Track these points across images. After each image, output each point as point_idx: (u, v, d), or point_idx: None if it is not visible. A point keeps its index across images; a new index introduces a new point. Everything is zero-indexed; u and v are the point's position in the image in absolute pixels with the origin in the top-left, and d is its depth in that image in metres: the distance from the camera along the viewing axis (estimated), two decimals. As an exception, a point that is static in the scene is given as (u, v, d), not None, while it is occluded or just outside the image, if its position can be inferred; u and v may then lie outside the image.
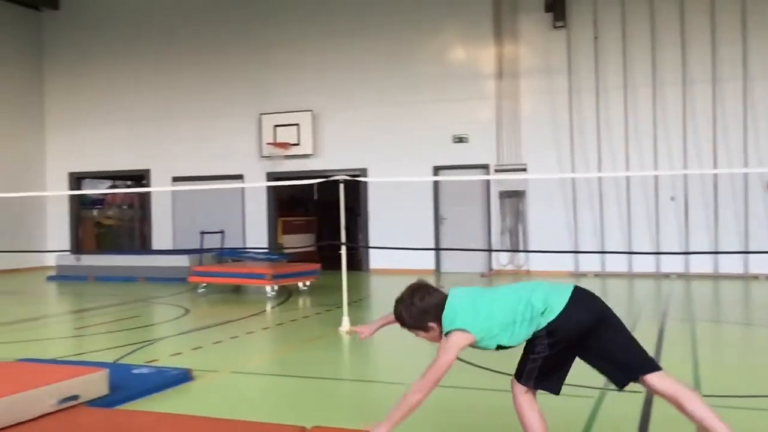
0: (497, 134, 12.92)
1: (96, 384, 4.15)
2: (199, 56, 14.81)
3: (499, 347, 2.98)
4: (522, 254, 12.84)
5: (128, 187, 17.40)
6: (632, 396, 4.42)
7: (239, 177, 14.38)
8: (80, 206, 16.57)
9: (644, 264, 12.13)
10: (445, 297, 2.97)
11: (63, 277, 13.07)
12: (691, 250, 11.72)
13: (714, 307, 9.49)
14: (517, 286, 3.06)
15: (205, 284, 10.64)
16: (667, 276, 11.92)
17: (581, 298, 2.95)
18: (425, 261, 13.15)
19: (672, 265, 11.98)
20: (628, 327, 3.06)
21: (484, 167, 12.97)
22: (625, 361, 2.95)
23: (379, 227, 13.61)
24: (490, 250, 12.93)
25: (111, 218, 17.93)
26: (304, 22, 14.10)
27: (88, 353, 6.11)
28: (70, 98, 15.91)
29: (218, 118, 14.64)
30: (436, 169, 13.20)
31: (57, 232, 15.93)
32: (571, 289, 2.96)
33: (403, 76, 13.45)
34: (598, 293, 3.06)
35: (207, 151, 14.66)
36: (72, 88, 15.88)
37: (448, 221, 13.28)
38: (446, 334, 2.91)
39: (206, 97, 14.75)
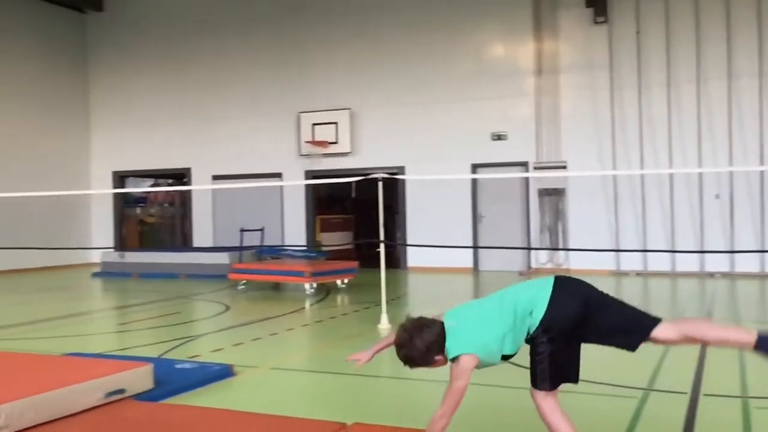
0: (536, 131, 12.79)
1: (141, 378, 4.24)
2: (239, 55, 14.98)
3: (504, 358, 2.98)
4: (561, 253, 12.70)
5: (169, 185, 17.70)
6: (677, 397, 4.36)
7: (278, 175, 14.51)
8: (124, 204, 16.91)
9: (688, 263, 11.89)
10: (442, 326, 2.97)
11: (107, 273, 13.35)
12: (737, 248, 11.45)
13: (760, 307, 9.26)
14: (502, 293, 3.06)
15: (244, 281, 10.76)
16: (711, 275, 11.67)
17: (563, 287, 2.95)
18: (463, 259, 13.11)
19: (716, 264, 11.71)
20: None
21: (523, 165, 12.86)
22: (626, 330, 2.95)
23: (416, 225, 13.60)
24: (528, 249, 12.82)
25: (153, 216, 18.27)
26: (343, 20, 14.16)
27: (132, 348, 6.24)
28: (114, 98, 16.24)
29: (258, 117, 14.79)
30: (475, 167, 13.13)
31: (101, 229, 16.28)
32: (552, 281, 2.96)
33: (442, 74, 13.41)
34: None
35: (246, 150, 14.82)
36: (115, 87, 16.21)
37: (486, 219, 13.21)
38: (453, 360, 2.93)
39: (246, 96, 14.92)
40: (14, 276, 13.69)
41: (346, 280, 10.61)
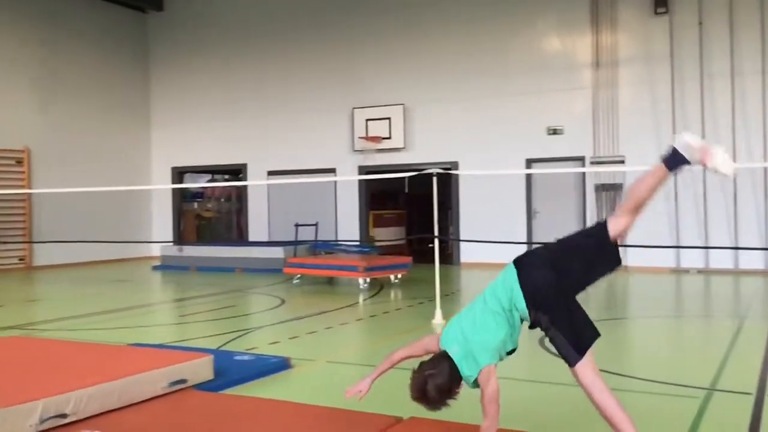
0: (594, 125, 12.56)
1: (202, 369, 4.34)
2: (293, 52, 15.14)
3: (509, 353, 2.99)
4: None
5: (226, 180, 18.04)
6: (741, 397, 4.23)
7: (332, 171, 14.63)
8: (182, 199, 17.31)
9: (752, 260, 11.50)
10: (447, 360, 2.89)
11: (167, 266, 13.70)
12: (805, 246, 11.02)
13: (831, 307, 8.90)
14: (482, 297, 3.02)
15: (299, 275, 10.89)
16: (777, 274, 11.27)
17: (524, 264, 2.96)
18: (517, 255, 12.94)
19: (783, 262, 11.31)
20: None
21: (580, 159, 12.65)
22: (598, 253, 2.96)
23: (470, 220, 13.52)
24: (585, 245, 12.57)
25: (210, 211, 18.65)
26: (397, 15, 14.16)
27: (192, 339, 6.39)
28: (173, 96, 16.62)
29: (312, 113, 14.93)
30: (529, 162, 12.97)
31: (161, 223, 16.71)
32: (512, 266, 2.97)
33: (496, 68, 13.29)
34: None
35: (301, 146, 14.98)
36: (175, 85, 16.60)
37: (541, 215, 13.05)
38: (478, 378, 2.89)
39: (301, 92, 15.07)
40: (80, 268, 14.19)
41: (399, 275, 10.63)
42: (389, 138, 13.96)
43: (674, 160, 2.92)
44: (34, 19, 14.42)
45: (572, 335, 2.87)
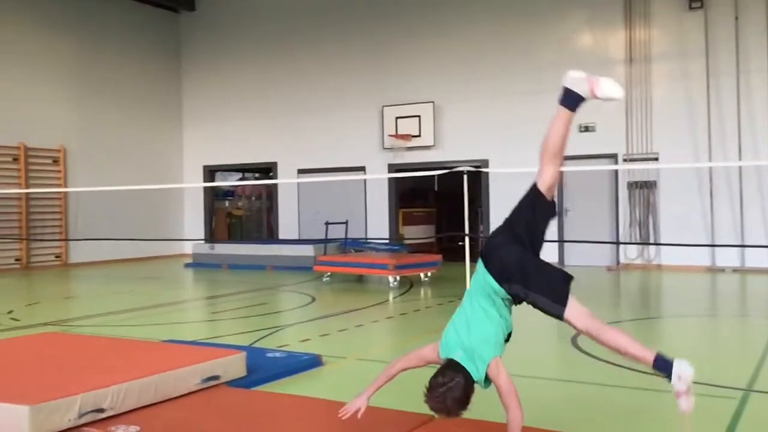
0: (627, 123, 12.40)
1: (235, 365, 4.38)
2: (323, 51, 15.20)
3: (507, 340, 3.03)
4: (652, 248, 12.28)
5: (256, 179, 18.19)
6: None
7: (361, 169, 14.66)
8: (214, 197, 17.50)
9: (790, 260, 11.26)
10: (460, 370, 2.88)
11: (198, 264, 13.85)
12: None
13: None
14: (468, 296, 3.04)
15: (329, 273, 10.94)
16: (816, 273, 11.02)
17: (486, 252, 3.06)
18: (548, 254, 12.83)
19: (822, 261, 11.05)
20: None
21: (612, 157, 12.50)
22: (533, 206, 3.11)
23: (500, 218, 13.30)
24: (617, 243, 12.44)
25: (241, 209, 18.82)
26: (425, 12, 14.13)
27: (224, 336, 6.46)
28: (205, 95, 16.80)
29: (341, 111, 14.98)
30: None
31: (193, 221, 16.91)
32: (479, 259, 3.05)
33: (526, 64, 13.18)
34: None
35: (330, 144, 15.03)
36: (206, 84, 16.77)
37: (572, 213, 12.92)
38: (488, 376, 2.93)
39: (330, 90, 15.12)
40: (114, 265, 14.42)
41: (429, 274, 10.61)
42: (419, 136, 13.94)
43: (570, 99, 3.11)
44: (69, 20, 14.68)
45: (547, 291, 2.90)
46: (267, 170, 16.59)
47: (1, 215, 13.26)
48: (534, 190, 3.10)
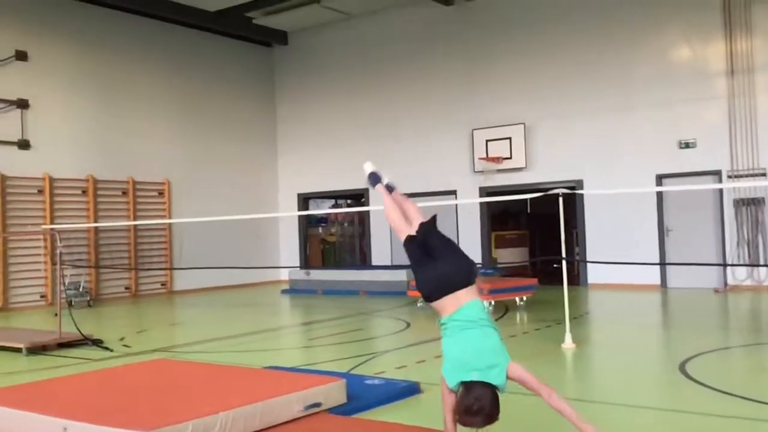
0: (730, 137, 11.85)
1: (336, 393, 4.45)
2: (411, 77, 15.37)
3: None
4: (763, 269, 11.60)
5: (349, 205, 18.48)
6: None
7: (452, 193, 14.64)
8: (308, 224, 17.90)
9: None
10: (483, 383, 3.17)
11: (294, 290, 14.16)
12: None
13: None
14: (453, 336, 3.41)
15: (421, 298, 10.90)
16: None
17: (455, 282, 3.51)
18: (649, 276, 12.39)
19: None
20: None
21: (716, 173, 11.95)
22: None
23: (596, 240, 13.08)
24: (724, 265, 11.84)
25: (334, 235, 19.15)
26: (512, 34, 14.05)
27: (322, 363, 6.55)
28: (298, 125, 17.30)
29: (432, 136, 15.04)
30: (660, 178, 12.41)
31: (288, 248, 17.35)
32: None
33: (620, 80, 12.86)
34: None
35: (421, 169, 15.10)
36: (299, 115, 17.27)
37: (675, 233, 12.41)
38: (509, 376, 3.26)
39: (420, 116, 15.24)
40: (215, 292, 14.96)
41: (524, 298, 10.43)
42: (510, 158, 13.81)
43: (372, 181, 4.30)
44: (174, 61, 15.50)
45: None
46: (359, 196, 16.84)
47: (113, 246, 14.05)
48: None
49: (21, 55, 12.90)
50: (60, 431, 3.69)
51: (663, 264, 12.30)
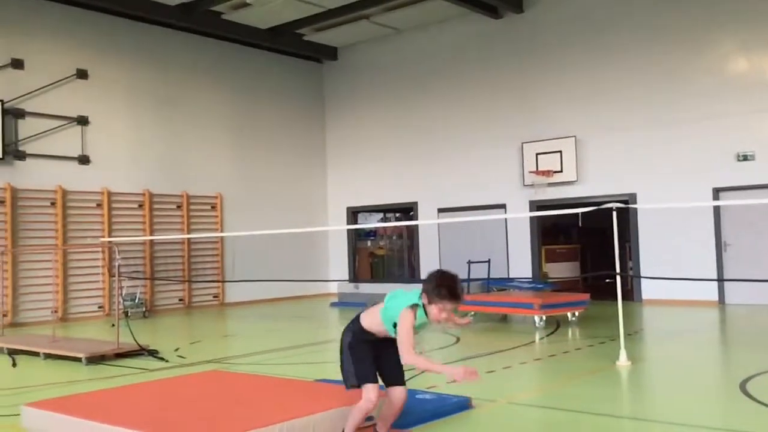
0: (790, 149, 11.49)
1: (388, 407, 4.43)
2: (460, 90, 15.36)
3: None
4: (828, 284, 11.15)
5: (397, 219, 18.52)
6: None
7: (502, 206, 14.54)
8: (356, 238, 18.00)
9: None
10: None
11: (343, 303, 14.23)
12: None
13: None
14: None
15: (473, 312, 10.85)
16: None
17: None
18: (706, 292, 12.06)
19: None
20: None
21: (776, 187, 11.59)
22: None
23: (651, 254, 12.80)
24: (786, 280, 11.43)
25: (382, 248, 19.20)
26: (562, 46, 13.93)
27: (373, 376, 6.55)
28: (347, 139, 17.45)
29: (481, 149, 14.98)
30: (717, 191, 12.09)
31: (337, 261, 17.46)
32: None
33: (674, 92, 12.61)
34: None
35: (470, 182, 15.05)
36: (348, 129, 17.43)
37: (733, 248, 12.06)
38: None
39: (469, 129, 15.21)
40: (266, 305, 15.15)
41: (577, 313, 10.27)
42: (560, 171, 13.65)
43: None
44: (226, 77, 15.85)
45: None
46: (407, 210, 16.86)
47: (167, 258, 14.37)
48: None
49: (81, 74, 13.38)
50: (120, 440, 3.78)
51: (720, 280, 11.96)
